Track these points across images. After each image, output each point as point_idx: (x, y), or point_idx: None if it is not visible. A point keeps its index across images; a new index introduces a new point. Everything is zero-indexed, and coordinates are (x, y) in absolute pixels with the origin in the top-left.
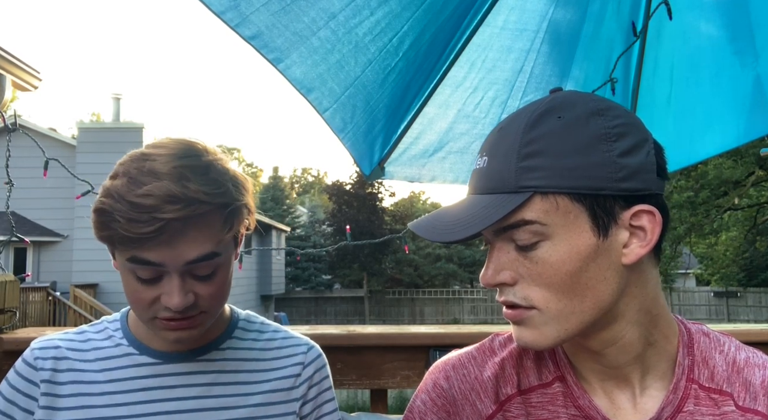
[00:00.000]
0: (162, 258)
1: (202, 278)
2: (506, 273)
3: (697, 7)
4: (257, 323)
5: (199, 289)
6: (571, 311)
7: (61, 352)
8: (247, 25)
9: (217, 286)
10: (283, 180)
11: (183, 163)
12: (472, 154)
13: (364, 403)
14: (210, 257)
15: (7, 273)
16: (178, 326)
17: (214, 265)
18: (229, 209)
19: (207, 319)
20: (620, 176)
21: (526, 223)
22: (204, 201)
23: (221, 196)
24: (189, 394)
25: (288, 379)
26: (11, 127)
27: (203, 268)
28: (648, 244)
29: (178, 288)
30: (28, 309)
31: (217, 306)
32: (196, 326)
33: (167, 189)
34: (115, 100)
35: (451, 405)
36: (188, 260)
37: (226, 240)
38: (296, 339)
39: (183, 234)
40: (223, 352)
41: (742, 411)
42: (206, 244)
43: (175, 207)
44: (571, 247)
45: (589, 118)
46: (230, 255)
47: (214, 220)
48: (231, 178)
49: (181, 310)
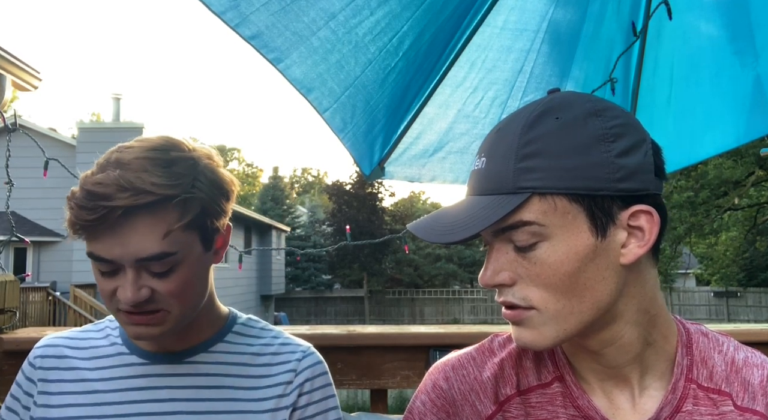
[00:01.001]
0: (113, 254)
1: (158, 275)
2: (505, 274)
3: (697, 7)
4: (256, 328)
5: (155, 286)
6: (570, 311)
7: (60, 351)
8: (247, 25)
9: (177, 284)
10: (283, 180)
11: (147, 155)
12: (472, 154)
13: (364, 403)
14: (161, 257)
15: (7, 273)
16: (137, 321)
17: (168, 263)
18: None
19: (170, 319)
20: (618, 176)
21: (525, 224)
22: (150, 191)
23: (172, 188)
24: (174, 396)
25: (279, 386)
26: (11, 127)
27: (156, 265)
28: (646, 244)
29: (130, 282)
30: (28, 309)
31: (181, 305)
32: (156, 324)
33: (118, 178)
34: (115, 100)
35: (451, 405)
36: (138, 258)
37: (184, 238)
38: (294, 346)
39: (132, 228)
40: (211, 355)
41: (740, 411)
42: (157, 240)
43: (122, 195)
44: (569, 248)
45: (586, 119)
46: (193, 254)
47: (166, 215)
48: (200, 175)
49: (135, 304)
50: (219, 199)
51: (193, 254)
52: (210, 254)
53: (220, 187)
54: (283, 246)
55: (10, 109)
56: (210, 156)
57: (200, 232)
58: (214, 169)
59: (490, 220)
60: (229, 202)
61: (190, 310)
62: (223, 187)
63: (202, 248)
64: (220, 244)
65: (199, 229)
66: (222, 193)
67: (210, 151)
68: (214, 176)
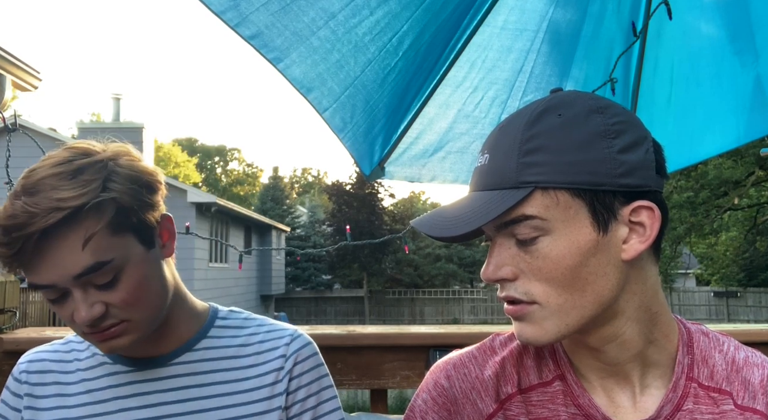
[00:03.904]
0: (49, 278)
1: (104, 287)
2: (507, 268)
3: (697, 7)
4: (239, 319)
5: (106, 299)
6: (572, 306)
7: (45, 366)
8: (247, 24)
9: (127, 291)
10: (283, 180)
11: (51, 172)
12: (472, 154)
13: (364, 403)
14: (96, 268)
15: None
16: (103, 337)
17: (108, 272)
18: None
19: (135, 326)
20: (620, 172)
21: (527, 218)
22: (58, 207)
23: (81, 198)
24: (165, 400)
25: (270, 373)
26: (11, 127)
27: (97, 277)
28: (647, 240)
29: (80, 302)
30: (28, 309)
31: (141, 311)
32: (123, 334)
33: (24, 205)
34: (115, 100)
35: (452, 404)
36: (74, 275)
37: (115, 243)
38: (280, 331)
39: (56, 247)
40: (197, 353)
41: (741, 410)
42: (83, 254)
43: (33, 221)
44: (571, 242)
45: (588, 116)
46: (135, 256)
47: (82, 225)
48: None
49: (92, 323)
50: (141, 193)
51: (135, 256)
52: (156, 250)
53: (140, 180)
54: (283, 246)
55: (10, 109)
56: (125, 152)
57: (133, 232)
58: (131, 165)
59: (493, 214)
60: (156, 193)
61: (153, 312)
62: (143, 180)
63: (142, 248)
64: (166, 238)
65: (130, 229)
66: (144, 186)
67: (125, 148)
68: (132, 171)
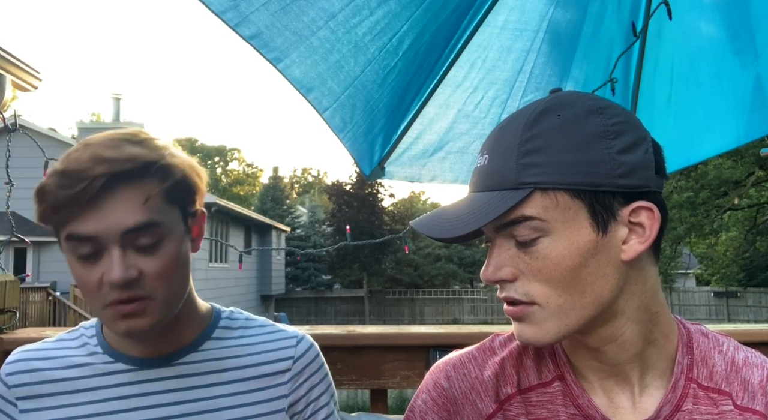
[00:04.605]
0: (96, 228)
1: (145, 250)
2: (507, 269)
3: (697, 7)
4: (241, 320)
5: (143, 265)
6: (572, 306)
7: (30, 365)
8: (247, 24)
9: (164, 262)
10: (283, 180)
11: (117, 137)
12: (472, 154)
13: (364, 403)
14: (148, 226)
15: (7, 273)
16: (126, 311)
17: (156, 234)
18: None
19: (156, 307)
20: (619, 173)
21: (526, 219)
22: (128, 159)
23: (150, 157)
24: (168, 401)
25: (276, 375)
26: (11, 127)
27: (143, 237)
28: (646, 241)
29: (117, 260)
30: (28, 309)
31: (166, 290)
32: (144, 313)
33: (94, 152)
34: (115, 100)
35: (452, 404)
36: (124, 228)
37: (167, 210)
38: (284, 332)
39: (113, 198)
40: (201, 354)
41: (740, 410)
42: (141, 210)
43: (101, 166)
44: (570, 243)
45: (588, 116)
46: (177, 231)
47: (146, 183)
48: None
49: (124, 285)
50: (194, 177)
51: (176, 231)
52: (189, 239)
53: (193, 168)
54: (283, 246)
55: (10, 109)
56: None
57: (180, 208)
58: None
59: (492, 215)
60: (203, 182)
61: (174, 297)
62: (195, 169)
63: (183, 227)
64: (196, 233)
65: (180, 204)
66: (196, 173)
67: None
68: (187, 159)
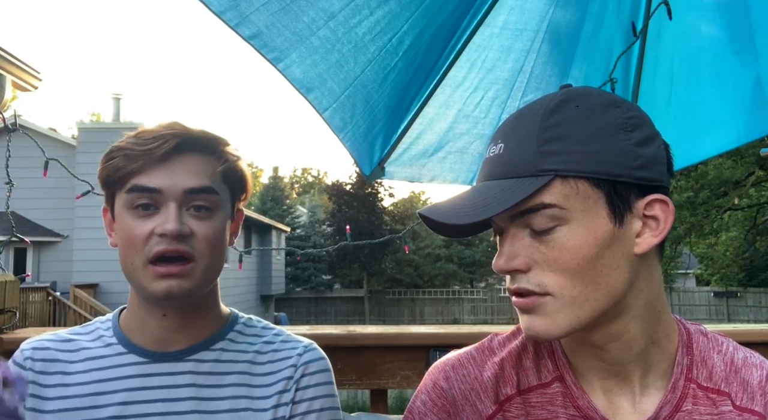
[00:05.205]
0: (162, 183)
1: (199, 214)
2: (520, 259)
3: (697, 7)
4: (257, 327)
5: (195, 226)
6: (585, 298)
7: (50, 354)
8: (247, 24)
9: (213, 230)
10: (283, 180)
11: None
12: (472, 154)
13: (364, 403)
14: (208, 190)
15: (7, 273)
16: (168, 271)
17: (212, 202)
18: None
19: (199, 273)
20: (637, 165)
21: (545, 206)
22: (203, 132)
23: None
24: (176, 396)
25: (280, 382)
26: (11, 127)
27: (201, 199)
28: (660, 234)
29: (174, 214)
30: (28, 309)
31: (210, 258)
32: (186, 276)
33: (166, 124)
34: (115, 100)
35: (452, 405)
36: (186, 188)
37: (222, 188)
38: (293, 343)
39: (182, 160)
40: (213, 353)
41: (739, 411)
42: (203, 176)
43: (173, 131)
44: (588, 232)
45: (606, 108)
46: (226, 210)
47: (211, 159)
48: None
49: (176, 238)
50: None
51: (224, 210)
52: (229, 227)
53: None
54: (283, 246)
55: (10, 109)
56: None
57: (231, 192)
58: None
59: (511, 201)
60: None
61: (213, 271)
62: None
63: (229, 210)
64: (234, 228)
65: (231, 187)
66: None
67: None
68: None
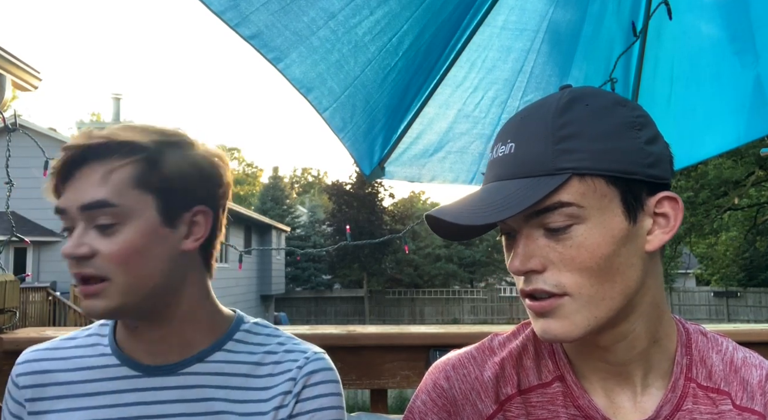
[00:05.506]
0: (65, 202)
1: (102, 230)
2: (536, 259)
3: (697, 7)
4: (262, 335)
5: (98, 245)
6: (603, 297)
7: (42, 366)
8: (247, 24)
9: (120, 246)
10: (283, 180)
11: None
12: (472, 154)
13: (364, 403)
14: (101, 205)
15: (7, 273)
16: (84, 291)
17: (112, 216)
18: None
19: (113, 293)
20: (648, 162)
21: (563, 205)
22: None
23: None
24: (169, 412)
25: (278, 397)
26: (11, 127)
27: (100, 216)
28: (671, 230)
29: (76, 235)
30: (28, 309)
31: (125, 275)
32: (101, 296)
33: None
34: (115, 100)
35: (452, 405)
36: (80, 204)
37: (134, 195)
38: (296, 353)
39: (84, 175)
40: (207, 366)
41: (739, 410)
42: (99, 188)
43: (74, 142)
44: (605, 231)
45: (614, 107)
46: (144, 219)
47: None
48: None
49: (75, 261)
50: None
51: (144, 220)
52: (175, 234)
53: (197, 166)
54: (283, 246)
55: (10, 109)
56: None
57: (158, 198)
58: (202, 154)
59: (530, 201)
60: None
61: (136, 287)
62: (204, 171)
63: (158, 218)
64: (196, 232)
65: (153, 192)
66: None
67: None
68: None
